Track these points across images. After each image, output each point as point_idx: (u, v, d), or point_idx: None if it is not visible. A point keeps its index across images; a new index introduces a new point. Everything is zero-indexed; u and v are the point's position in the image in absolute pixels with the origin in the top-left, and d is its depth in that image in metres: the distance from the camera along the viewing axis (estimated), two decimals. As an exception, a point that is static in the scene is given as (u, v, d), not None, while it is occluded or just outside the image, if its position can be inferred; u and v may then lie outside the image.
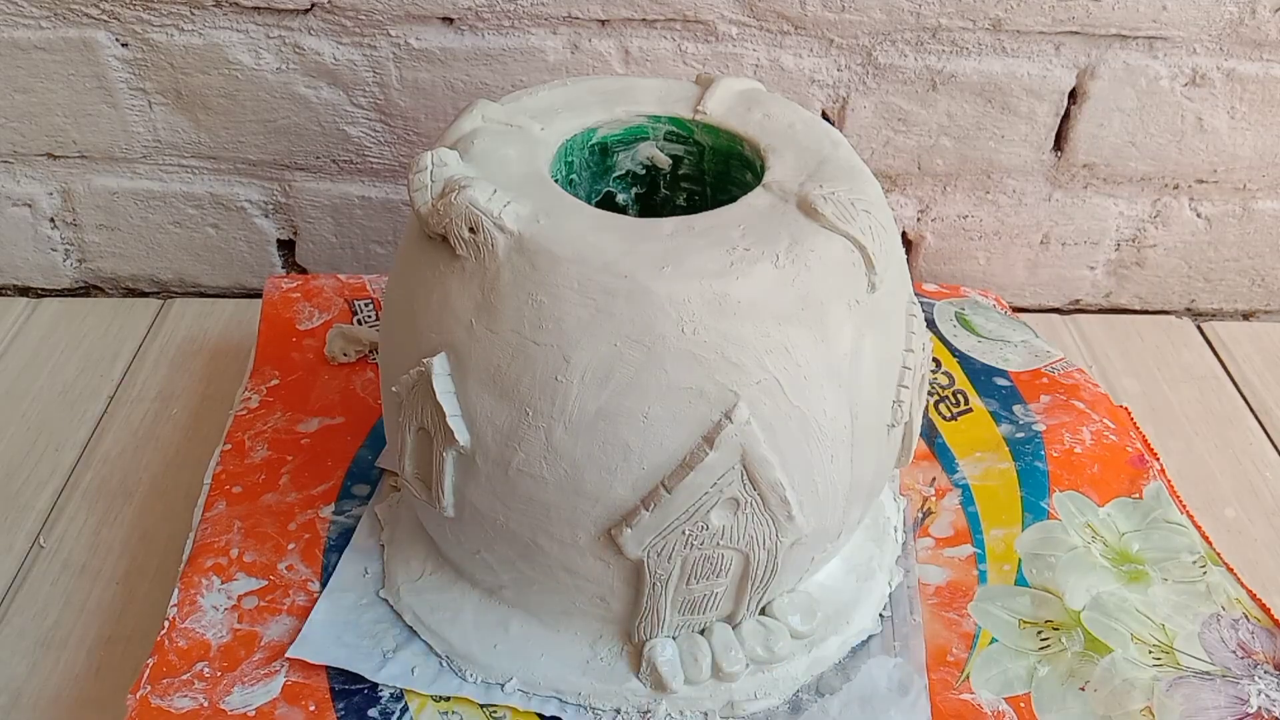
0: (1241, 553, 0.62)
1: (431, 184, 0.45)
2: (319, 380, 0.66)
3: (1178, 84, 0.73)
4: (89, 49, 0.70)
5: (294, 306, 0.71)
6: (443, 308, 0.45)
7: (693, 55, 0.72)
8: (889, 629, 0.53)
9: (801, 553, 0.48)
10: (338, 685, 0.49)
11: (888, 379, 0.47)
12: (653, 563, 0.45)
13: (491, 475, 0.45)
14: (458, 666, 0.50)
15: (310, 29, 0.70)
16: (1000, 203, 0.79)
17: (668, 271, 0.42)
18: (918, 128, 0.75)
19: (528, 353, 0.43)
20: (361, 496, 0.58)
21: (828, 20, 0.71)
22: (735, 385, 0.42)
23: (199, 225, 0.78)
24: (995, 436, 0.63)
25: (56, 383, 0.71)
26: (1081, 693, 0.50)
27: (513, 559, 0.48)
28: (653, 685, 0.49)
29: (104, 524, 0.61)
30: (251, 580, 0.54)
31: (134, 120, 0.74)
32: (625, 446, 0.43)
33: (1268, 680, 0.51)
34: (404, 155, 0.76)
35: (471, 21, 0.70)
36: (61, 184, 0.76)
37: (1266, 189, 0.78)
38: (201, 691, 0.48)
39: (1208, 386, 0.75)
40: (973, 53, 0.72)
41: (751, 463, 0.43)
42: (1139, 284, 0.83)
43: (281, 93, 0.73)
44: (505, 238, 0.43)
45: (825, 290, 0.44)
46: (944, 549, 0.57)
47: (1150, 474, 0.61)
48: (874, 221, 0.46)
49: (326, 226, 0.79)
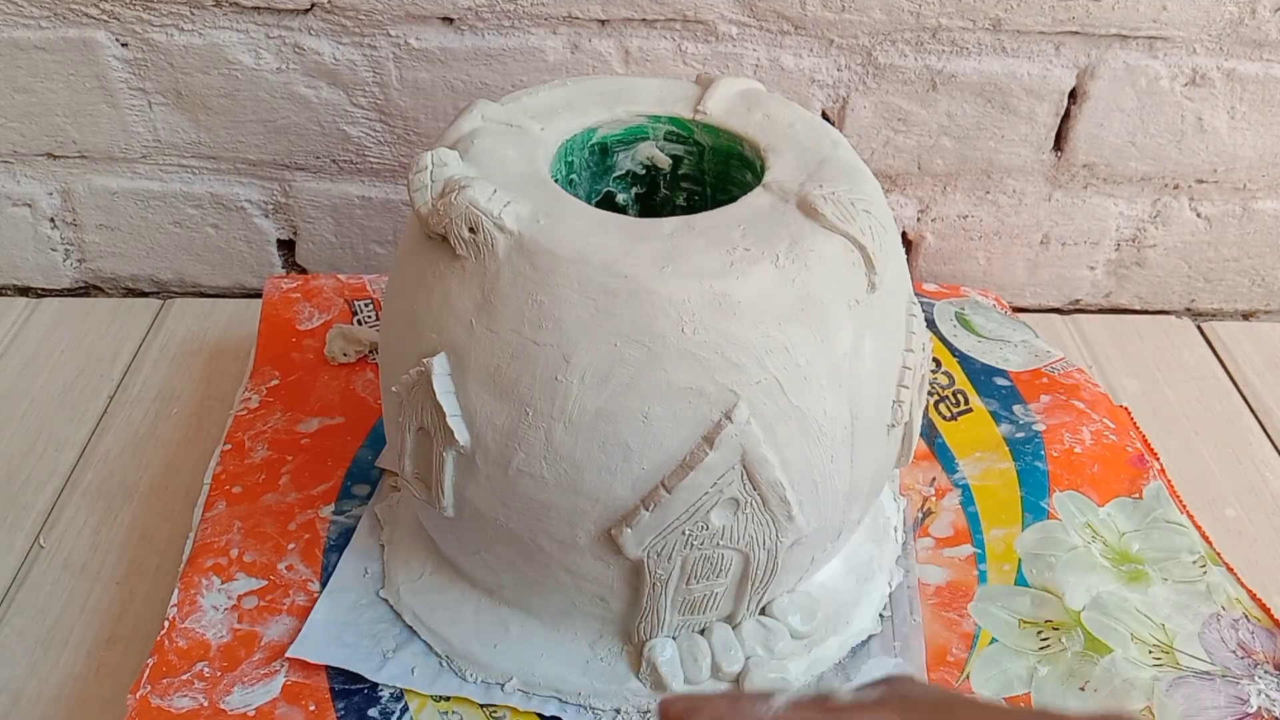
0: (1241, 553, 0.62)
1: (431, 184, 0.45)
2: (319, 380, 0.66)
3: (1178, 84, 0.73)
4: (89, 49, 0.70)
5: (294, 306, 0.71)
6: (443, 308, 0.45)
7: (693, 55, 0.72)
8: (889, 629, 0.53)
9: (801, 553, 0.48)
10: (338, 685, 0.49)
11: (888, 379, 0.47)
12: (653, 563, 0.45)
13: (491, 475, 0.45)
14: (458, 666, 0.50)
15: (310, 29, 0.70)
16: (1000, 203, 0.78)
17: (668, 271, 0.42)
18: (918, 128, 0.75)
19: (528, 352, 0.43)
20: (361, 496, 0.58)
21: (828, 20, 0.71)
22: (735, 385, 0.42)
23: (199, 225, 0.78)
24: (995, 436, 0.63)
25: (56, 383, 0.71)
26: (1081, 692, 0.50)
27: (513, 559, 0.48)
28: (653, 685, 0.49)
29: (104, 524, 0.61)
30: (251, 580, 0.54)
31: (134, 120, 0.73)
32: (625, 446, 0.43)
33: (1268, 680, 0.51)
34: (404, 155, 0.76)
35: (471, 21, 0.70)
36: (61, 184, 0.76)
37: (1266, 189, 0.78)
38: (201, 691, 0.48)
39: (1208, 386, 0.75)
40: (973, 53, 0.72)
41: (751, 463, 0.43)
42: (1139, 284, 0.83)
43: (281, 93, 0.73)
44: (505, 237, 0.43)
45: (825, 290, 0.44)
46: (944, 549, 0.57)
47: (1150, 474, 0.61)
48: (874, 221, 0.46)
49: (326, 226, 0.79)
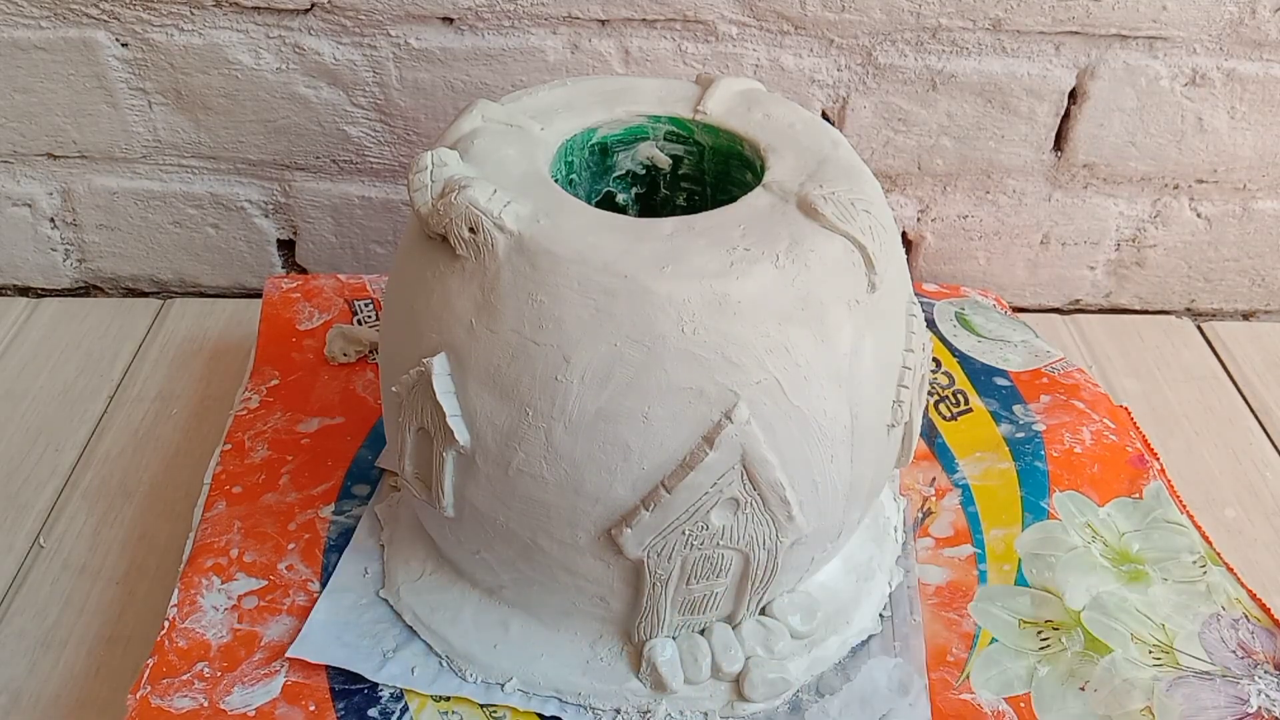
0: (1241, 553, 0.62)
1: (431, 184, 0.45)
2: (319, 380, 0.66)
3: (1178, 84, 0.73)
4: (89, 49, 0.70)
5: (294, 306, 0.71)
6: (443, 308, 0.45)
7: (693, 55, 0.72)
8: (889, 629, 0.53)
9: (801, 553, 0.48)
10: (338, 685, 0.49)
11: (888, 379, 0.47)
12: (653, 563, 0.45)
13: (491, 475, 0.45)
14: (458, 666, 0.50)
15: (310, 29, 0.70)
16: (1000, 203, 0.78)
17: (668, 271, 0.42)
18: (918, 128, 0.75)
19: (528, 353, 0.43)
20: (361, 496, 0.58)
21: (828, 20, 0.71)
22: (735, 385, 0.42)
23: (199, 225, 0.78)
24: (995, 436, 0.63)
25: (56, 383, 0.71)
26: (1081, 693, 0.50)
27: (513, 559, 0.48)
28: (653, 685, 0.49)
29: (104, 524, 0.61)
30: (251, 580, 0.54)
31: (134, 120, 0.74)
32: (625, 446, 0.43)
33: (1268, 680, 0.51)
34: (404, 155, 0.76)
35: (471, 21, 0.70)
36: (61, 184, 0.76)
37: (1266, 189, 0.78)
38: (201, 691, 0.48)
39: (1208, 386, 0.75)
40: (973, 53, 0.72)
41: (751, 463, 0.43)
42: (1139, 284, 0.83)
43: (281, 93, 0.73)
44: (505, 238, 0.43)
45: (825, 290, 0.44)
46: (944, 549, 0.57)
47: (1150, 474, 0.61)
48: (874, 221, 0.46)
49: (326, 226, 0.79)
